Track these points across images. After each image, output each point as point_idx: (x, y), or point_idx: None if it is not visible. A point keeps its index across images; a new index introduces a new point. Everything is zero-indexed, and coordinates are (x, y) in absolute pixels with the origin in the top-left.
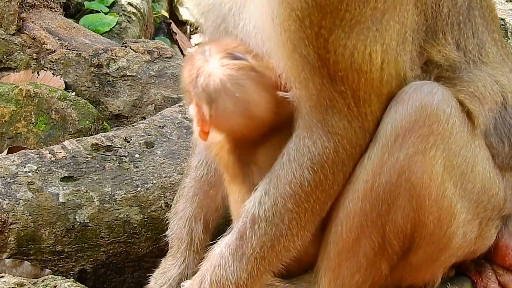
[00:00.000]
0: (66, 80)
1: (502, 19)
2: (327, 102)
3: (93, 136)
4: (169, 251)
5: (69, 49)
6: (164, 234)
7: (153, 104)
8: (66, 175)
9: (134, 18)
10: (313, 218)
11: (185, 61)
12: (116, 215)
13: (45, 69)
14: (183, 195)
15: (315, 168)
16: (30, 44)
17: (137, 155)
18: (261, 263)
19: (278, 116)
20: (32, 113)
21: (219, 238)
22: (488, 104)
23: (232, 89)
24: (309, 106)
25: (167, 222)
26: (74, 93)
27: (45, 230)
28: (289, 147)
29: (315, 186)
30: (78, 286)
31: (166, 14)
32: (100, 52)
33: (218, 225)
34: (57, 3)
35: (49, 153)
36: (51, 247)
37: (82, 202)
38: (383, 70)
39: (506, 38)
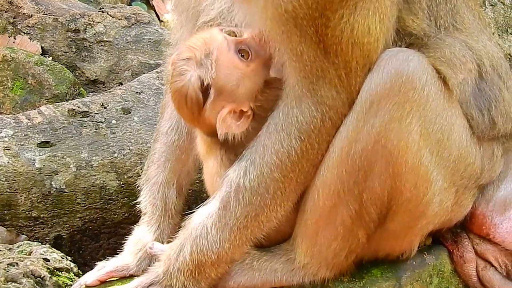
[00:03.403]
0: (43, 45)
1: None
2: (319, 72)
3: (69, 101)
4: (142, 218)
5: (46, 14)
6: None
7: (130, 70)
8: (43, 140)
9: None
10: (297, 188)
11: None
12: (93, 181)
13: (22, 33)
14: (154, 161)
15: (302, 137)
16: (7, 8)
17: (114, 121)
18: (243, 232)
19: None
20: (9, 78)
21: (196, 207)
22: (462, 73)
23: None
24: (301, 77)
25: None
26: (50, 58)
27: (21, 196)
28: (275, 117)
29: (302, 155)
30: (54, 252)
31: None
32: (77, 17)
33: (190, 189)
34: None
35: (26, 118)
36: (27, 212)
37: (59, 168)
38: (378, 40)
39: (483, 7)
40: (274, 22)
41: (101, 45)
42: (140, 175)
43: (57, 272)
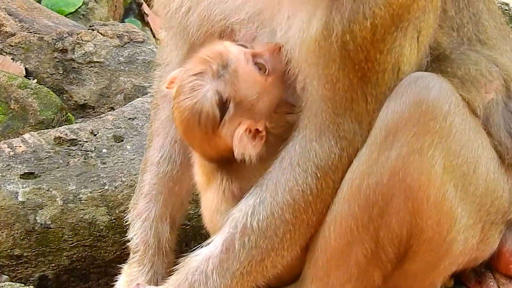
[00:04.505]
0: (27, 66)
1: (506, 4)
2: (348, 104)
3: (56, 128)
4: (132, 256)
5: (30, 32)
6: None
7: (123, 94)
8: (26, 171)
9: None
10: (307, 231)
11: None
12: (81, 216)
13: (4, 53)
14: (144, 194)
15: (319, 174)
16: None
17: (104, 150)
18: (246, 278)
19: None
20: None
21: (195, 243)
22: (489, 92)
23: None
24: (327, 107)
25: None
26: (35, 80)
27: (2, 232)
28: (290, 150)
29: (316, 195)
30: None
31: None
32: (64, 35)
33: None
34: None
35: (8, 147)
36: (9, 251)
37: (44, 201)
38: (414, 68)
39: (510, 25)
40: (319, 45)
41: (91, 66)
42: None
43: None
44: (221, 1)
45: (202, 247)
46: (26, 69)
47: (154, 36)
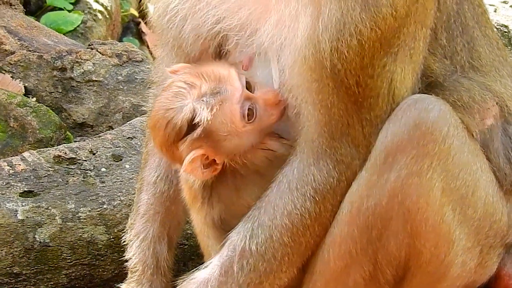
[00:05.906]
0: (26, 85)
1: (505, 26)
2: (344, 128)
3: (55, 147)
4: (130, 275)
5: (29, 51)
6: None
7: (121, 113)
8: (26, 189)
9: (100, 17)
10: (305, 253)
11: None
12: (80, 234)
13: (3, 72)
14: (141, 214)
15: (317, 198)
16: None
17: (103, 169)
18: None
19: None
20: None
21: (192, 263)
22: (488, 119)
23: None
24: (324, 132)
25: None
26: (34, 98)
27: (1, 250)
28: (288, 175)
29: (315, 218)
30: None
31: (135, 13)
32: (63, 54)
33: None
34: None
35: (7, 165)
36: (8, 268)
37: (43, 219)
38: (409, 92)
39: (509, 47)
40: (310, 68)
41: (90, 85)
42: None
43: None
44: (215, 6)
45: (199, 269)
46: (25, 87)
47: (151, 55)
